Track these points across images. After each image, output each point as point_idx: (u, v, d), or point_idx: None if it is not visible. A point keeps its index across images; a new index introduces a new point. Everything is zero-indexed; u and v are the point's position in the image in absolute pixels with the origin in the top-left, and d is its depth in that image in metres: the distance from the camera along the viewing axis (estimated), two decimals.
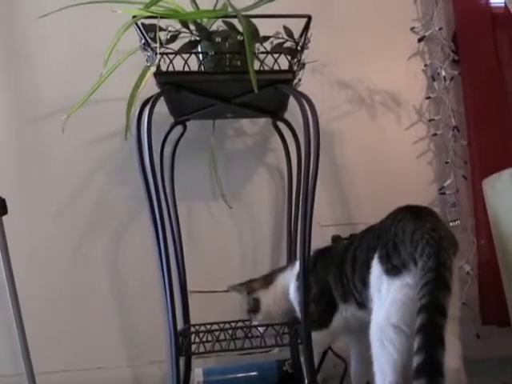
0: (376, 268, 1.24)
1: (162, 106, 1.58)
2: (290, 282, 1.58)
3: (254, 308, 1.61)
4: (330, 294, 1.46)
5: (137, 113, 1.42)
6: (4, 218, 1.42)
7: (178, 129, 1.77)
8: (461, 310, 1.20)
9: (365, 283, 1.31)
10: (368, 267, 1.29)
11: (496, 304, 1.79)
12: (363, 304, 1.36)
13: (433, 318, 1.06)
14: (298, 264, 1.56)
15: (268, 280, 1.65)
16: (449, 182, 1.99)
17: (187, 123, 1.78)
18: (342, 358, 1.70)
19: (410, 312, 1.14)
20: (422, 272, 1.13)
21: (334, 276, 1.45)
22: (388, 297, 1.18)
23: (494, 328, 1.88)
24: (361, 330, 1.38)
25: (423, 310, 1.07)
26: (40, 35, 1.88)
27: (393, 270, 1.19)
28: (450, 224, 1.97)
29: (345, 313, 1.44)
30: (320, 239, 1.79)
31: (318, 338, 1.46)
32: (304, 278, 1.43)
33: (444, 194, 2.00)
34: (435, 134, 2.03)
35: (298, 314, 1.52)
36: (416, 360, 1.02)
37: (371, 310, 1.30)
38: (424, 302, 1.08)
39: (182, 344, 1.44)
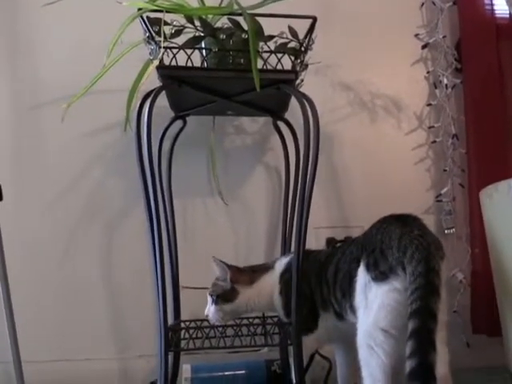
0: (362, 276, 1.24)
1: (162, 100, 1.57)
2: (273, 284, 1.53)
3: (228, 297, 1.52)
4: (312, 299, 1.45)
5: (137, 106, 1.42)
6: None
7: (178, 123, 1.77)
8: (450, 318, 1.21)
9: (344, 295, 1.33)
10: (350, 279, 1.29)
11: (487, 313, 1.80)
12: (342, 315, 1.37)
13: (425, 323, 1.07)
14: (280, 263, 1.55)
15: (253, 277, 1.57)
16: (446, 189, 1.99)
17: (187, 118, 1.78)
18: (326, 358, 1.70)
19: (398, 316, 1.15)
20: (411, 277, 1.13)
21: (314, 283, 1.45)
22: (375, 302, 1.19)
23: (485, 337, 1.88)
24: (346, 339, 1.38)
25: (415, 315, 1.08)
26: (43, 23, 1.87)
27: (380, 275, 1.19)
28: (446, 232, 1.98)
29: (326, 321, 1.44)
30: (314, 241, 1.81)
31: (305, 342, 1.45)
32: (297, 278, 1.43)
33: (440, 201, 2.00)
34: (434, 141, 2.03)
35: (282, 317, 1.52)
36: (409, 364, 1.04)
37: (350, 322, 1.32)
38: (415, 307, 1.09)
39: (172, 339, 1.43)
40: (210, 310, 1.53)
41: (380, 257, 1.21)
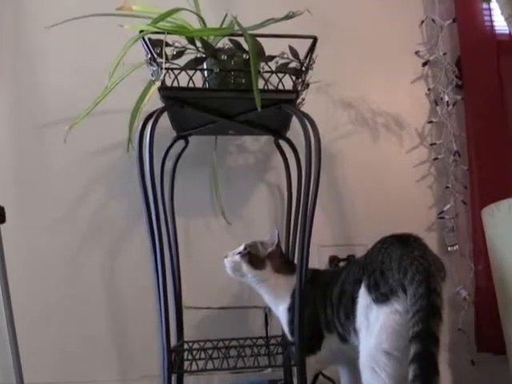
0: (363, 298, 1.24)
1: (164, 120, 1.58)
2: (286, 293, 1.51)
3: (254, 262, 1.54)
4: (317, 320, 1.44)
5: (140, 126, 1.42)
6: (1, 226, 1.42)
7: (180, 143, 1.77)
8: (455, 336, 1.20)
9: (348, 316, 1.32)
10: (353, 301, 1.29)
11: (492, 331, 1.77)
12: (345, 338, 1.36)
13: (427, 347, 1.06)
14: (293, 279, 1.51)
15: (283, 269, 1.55)
16: (448, 206, 1.99)
17: (189, 138, 1.78)
18: (330, 379, 1.69)
19: (400, 338, 1.14)
20: (412, 299, 1.13)
21: (319, 303, 1.45)
22: (377, 324, 1.18)
23: (490, 355, 1.86)
24: (350, 361, 1.37)
25: (417, 338, 1.08)
26: (46, 45, 1.89)
27: (381, 297, 1.19)
28: (449, 249, 1.97)
29: (329, 343, 1.43)
30: (317, 259, 1.81)
31: (308, 363, 1.44)
32: (300, 299, 1.42)
33: (443, 218, 1.99)
34: (436, 158, 2.03)
35: (286, 332, 1.51)
36: None
37: (354, 345, 1.31)
38: (417, 329, 1.09)
39: (175, 361, 1.43)
40: (234, 257, 1.56)
41: (380, 278, 1.21)
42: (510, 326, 1.57)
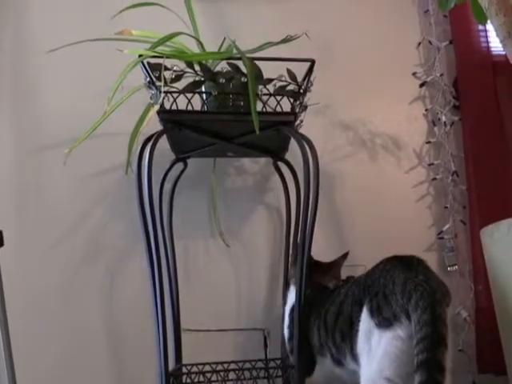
0: (366, 322, 1.22)
1: (163, 142, 1.58)
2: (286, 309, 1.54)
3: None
4: (309, 343, 1.43)
5: (138, 150, 1.43)
6: (0, 250, 1.42)
7: (179, 165, 1.78)
8: (456, 357, 1.19)
9: (344, 338, 1.30)
10: (351, 322, 1.27)
11: (493, 351, 1.76)
12: (340, 361, 1.34)
13: (433, 376, 1.04)
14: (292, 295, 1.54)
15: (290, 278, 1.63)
16: (447, 226, 1.99)
17: (188, 160, 1.79)
18: None
19: (402, 364, 1.12)
20: (417, 326, 1.10)
21: (312, 325, 1.43)
22: (379, 349, 1.16)
23: (491, 376, 1.85)
24: None
25: (422, 367, 1.05)
26: (46, 69, 1.90)
27: (384, 322, 1.17)
28: (448, 269, 1.97)
29: (323, 366, 1.41)
30: None
31: None
32: (299, 322, 1.42)
33: (442, 238, 1.99)
34: (435, 179, 2.04)
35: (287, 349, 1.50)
36: None
37: (348, 368, 1.29)
38: (422, 358, 1.06)
39: None
40: None
41: (383, 302, 1.18)
42: (511, 347, 1.56)
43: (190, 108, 1.50)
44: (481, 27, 2.08)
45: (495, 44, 2.07)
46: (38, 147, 1.87)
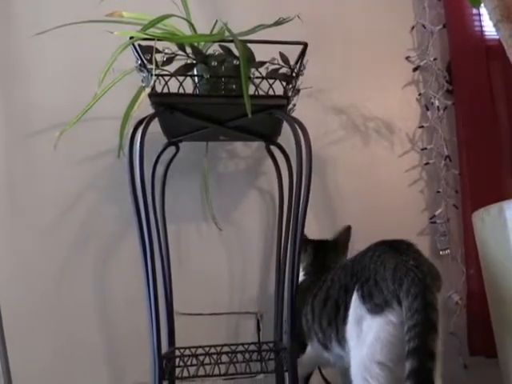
0: (357, 307, 1.21)
1: (155, 126, 1.57)
2: None
3: None
4: (300, 326, 1.44)
5: (130, 133, 1.41)
6: None
7: (171, 149, 1.77)
8: (447, 339, 1.19)
9: (330, 323, 1.31)
10: (337, 307, 1.28)
11: (484, 334, 1.77)
12: (326, 345, 1.35)
13: (424, 363, 1.05)
14: None
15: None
16: (440, 210, 1.99)
17: (180, 144, 1.78)
18: (328, 382, 1.69)
19: (394, 348, 1.13)
20: (408, 313, 1.10)
21: (301, 310, 1.44)
22: (370, 334, 1.16)
23: (483, 358, 1.86)
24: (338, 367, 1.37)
25: (413, 354, 1.06)
26: (36, 52, 1.88)
27: (375, 307, 1.17)
28: (440, 253, 1.98)
29: (312, 350, 1.43)
30: None
31: None
32: (291, 305, 1.42)
33: (435, 222, 2.00)
34: (427, 163, 2.04)
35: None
36: None
37: (335, 353, 1.31)
38: (413, 345, 1.07)
39: (166, 367, 1.42)
40: None
41: (374, 288, 1.18)
42: (502, 330, 1.58)
43: (181, 91, 1.48)
44: (474, 11, 2.07)
45: (489, 28, 2.06)
46: (27, 132, 1.86)
